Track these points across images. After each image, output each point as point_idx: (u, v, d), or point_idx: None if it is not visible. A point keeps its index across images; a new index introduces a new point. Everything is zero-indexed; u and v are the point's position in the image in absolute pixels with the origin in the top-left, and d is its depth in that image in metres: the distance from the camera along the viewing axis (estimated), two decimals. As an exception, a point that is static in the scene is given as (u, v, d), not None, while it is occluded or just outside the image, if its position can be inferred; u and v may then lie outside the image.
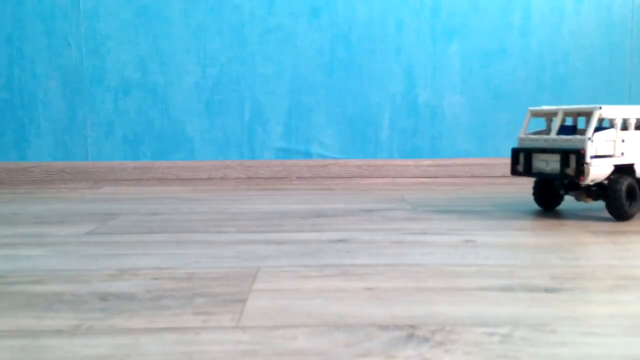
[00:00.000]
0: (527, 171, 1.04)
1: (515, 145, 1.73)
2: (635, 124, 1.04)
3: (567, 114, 1.05)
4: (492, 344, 0.49)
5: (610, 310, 0.57)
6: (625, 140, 0.99)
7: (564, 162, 0.97)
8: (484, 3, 1.64)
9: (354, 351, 0.48)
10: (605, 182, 0.99)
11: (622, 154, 0.98)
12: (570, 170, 0.96)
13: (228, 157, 1.66)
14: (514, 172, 1.07)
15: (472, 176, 1.65)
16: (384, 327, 0.53)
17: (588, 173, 0.94)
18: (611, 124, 1.01)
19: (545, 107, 1.06)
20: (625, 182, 0.96)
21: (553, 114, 1.06)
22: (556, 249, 0.82)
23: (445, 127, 1.66)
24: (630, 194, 0.98)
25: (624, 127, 1.01)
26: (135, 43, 1.62)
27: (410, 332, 0.52)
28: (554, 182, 1.07)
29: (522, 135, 1.07)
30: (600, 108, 0.96)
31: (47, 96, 1.62)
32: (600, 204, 1.20)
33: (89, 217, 1.10)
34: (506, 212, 1.10)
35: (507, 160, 1.66)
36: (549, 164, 1.00)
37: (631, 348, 0.48)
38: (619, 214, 0.98)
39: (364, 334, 0.51)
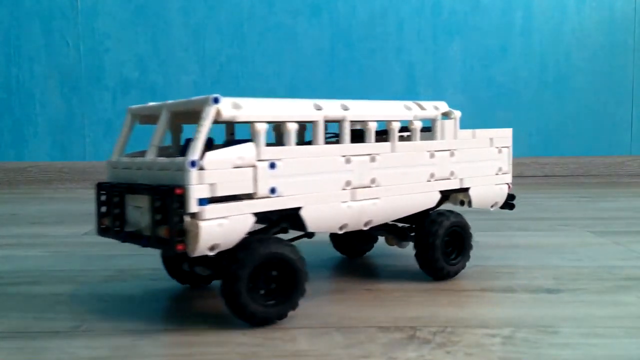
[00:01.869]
0: (118, 228, 0.55)
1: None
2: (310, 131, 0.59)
3: (177, 115, 0.59)
4: (493, 346, 0.48)
5: (613, 311, 0.57)
6: (279, 165, 0.54)
7: (155, 214, 0.51)
8: (485, 2, 1.63)
9: (354, 353, 0.47)
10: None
11: (274, 190, 0.54)
12: (164, 231, 0.50)
13: (227, 156, 1.66)
14: (101, 230, 0.58)
15: (473, 176, 1.65)
16: (384, 329, 0.52)
17: (196, 236, 0.49)
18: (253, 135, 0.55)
19: (153, 104, 0.59)
20: (261, 252, 0.52)
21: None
22: (558, 249, 0.81)
23: (446, 126, 1.66)
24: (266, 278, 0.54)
25: (279, 138, 0.60)
26: (134, 42, 1.61)
27: (411, 334, 0.51)
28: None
29: (114, 159, 0.60)
30: (217, 101, 0.51)
31: (45, 95, 1.61)
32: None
33: (87, 218, 1.09)
34: (506, 212, 1.10)
35: (508, 160, 1.66)
36: (144, 214, 0.53)
37: (633, 349, 0.48)
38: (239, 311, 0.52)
39: (365, 336, 0.51)
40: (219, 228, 0.50)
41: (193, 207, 0.49)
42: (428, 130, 0.67)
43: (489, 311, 0.57)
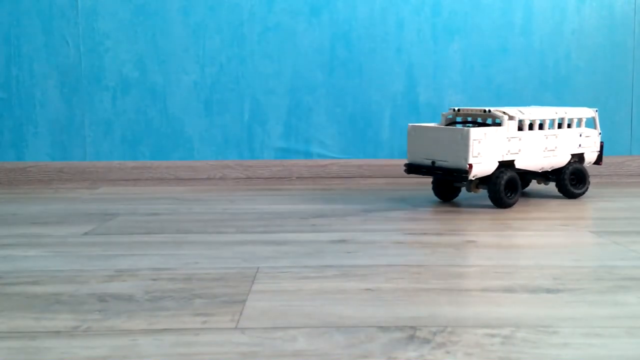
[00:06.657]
0: None
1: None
2: None
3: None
4: (493, 345, 0.49)
5: (613, 311, 0.57)
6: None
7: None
8: (486, 1, 1.63)
9: (354, 352, 0.47)
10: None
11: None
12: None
13: (227, 157, 1.66)
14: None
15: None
16: (384, 329, 0.52)
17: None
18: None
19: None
20: None
21: None
22: (558, 249, 0.81)
23: (446, 126, 1.66)
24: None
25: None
26: (134, 42, 1.61)
27: (411, 334, 0.51)
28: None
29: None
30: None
31: (44, 95, 1.61)
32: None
33: (87, 218, 1.09)
34: (507, 212, 1.10)
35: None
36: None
37: (633, 349, 0.48)
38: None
39: (365, 335, 0.51)
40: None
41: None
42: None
43: (489, 311, 0.57)
